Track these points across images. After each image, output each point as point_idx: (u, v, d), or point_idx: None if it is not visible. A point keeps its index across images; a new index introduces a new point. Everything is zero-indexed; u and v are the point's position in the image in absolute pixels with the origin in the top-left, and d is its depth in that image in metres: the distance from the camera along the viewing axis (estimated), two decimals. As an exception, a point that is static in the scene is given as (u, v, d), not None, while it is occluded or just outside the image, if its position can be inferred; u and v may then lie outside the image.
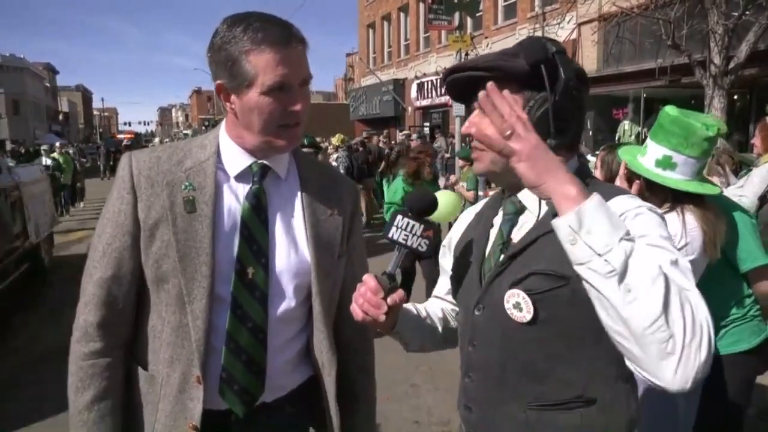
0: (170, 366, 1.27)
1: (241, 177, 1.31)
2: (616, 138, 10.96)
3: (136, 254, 1.26)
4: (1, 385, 4.22)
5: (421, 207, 1.18)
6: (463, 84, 1.18)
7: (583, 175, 1.14)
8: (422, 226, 1.16)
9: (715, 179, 3.69)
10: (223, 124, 1.36)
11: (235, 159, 1.31)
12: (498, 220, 1.24)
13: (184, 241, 1.23)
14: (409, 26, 25.04)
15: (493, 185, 5.01)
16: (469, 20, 18.43)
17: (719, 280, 2.06)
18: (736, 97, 11.11)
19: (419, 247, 1.15)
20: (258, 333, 1.29)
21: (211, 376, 1.28)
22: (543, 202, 1.15)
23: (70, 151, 16.44)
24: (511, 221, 1.19)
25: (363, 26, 29.52)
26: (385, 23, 27.44)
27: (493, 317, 1.15)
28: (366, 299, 1.13)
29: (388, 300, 1.12)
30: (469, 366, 1.23)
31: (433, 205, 1.20)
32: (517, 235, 1.17)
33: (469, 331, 1.22)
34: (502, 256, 1.16)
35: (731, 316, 2.13)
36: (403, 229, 1.15)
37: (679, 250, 1.97)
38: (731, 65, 7.71)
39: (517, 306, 1.09)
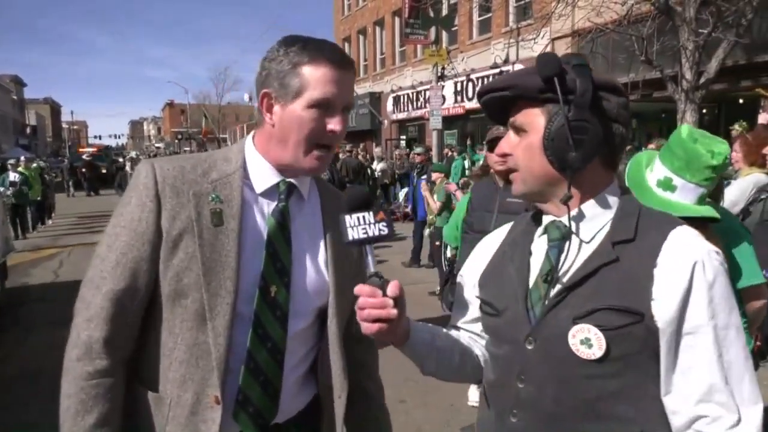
0: (181, 386, 1.21)
1: (266, 194, 1.29)
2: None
3: (154, 266, 1.20)
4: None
5: (360, 203, 1.15)
6: (495, 105, 1.18)
7: (630, 204, 1.13)
8: (371, 212, 1.13)
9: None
10: (249, 138, 1.34)
11: (264, 175, 1.30)
12: (536, 247, 1.18)
13: (210, 254, 1.19)
14: (384, 40, 25.23)
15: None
16: (444, 35, 18.67)
17: None
18: (705, 111, 11.42)
19: (381, 232, 1.13)
20: (276, 354, 1.27)
21: (226, 397, 1.22)
22: (594, 227, 1.11)
23: (41, 164, 15.98)
24: (558, 247, 1.13)
25: (338, 40, 29.60)
26: (361, 37, 27.61)
27: (549, 352, 1.09)
28: (370, 305, 1.08)
29: (389, 292, 1.08)
30: (516, 404, 1.14)
31: (369, 196, 1.18)
32: (566, 263, 1.12)
33: (516, 367, 1.14)
34: (558, 287, 1.10)
35: None
36: (357, 226, 1.13)
37: None
38: (702, 80, 7.91)
39: (586, 342, 1.04)
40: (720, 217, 1.89)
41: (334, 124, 1.23)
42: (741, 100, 11.36)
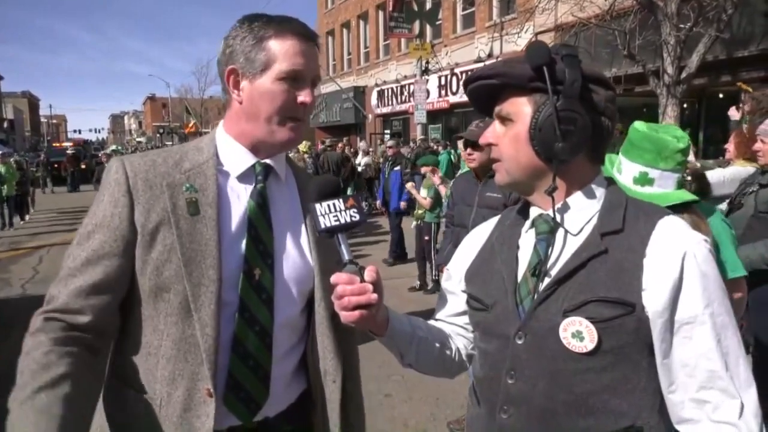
0: (171, 384, 1.18)
1: (243, 177, 1.28)
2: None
3: (128, 263, 1.17)
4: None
5: (329, 190, 1.15)
6: (481, 94, 1.16)
7: (616, 195, 1.12)
8: (341, 200, 1.13)
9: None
10: (219, 126, 1.33)
11: (238, 158, 1.28)
12: (524, 241, 1.17)
13: (189, 244, 1.17)
14: (368, 34, 25.12)
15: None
16: (428, 28, 18.64)
17: None
18: (685, 105, 11.55)
19: (353, 218, 1.12)
20: (265, 337, 1.25)
21: (217, 389, 1.20)
22: (582, 219, 1.10)
23: (18, 158, 15.66)
24: (547, 241, 1.12)
25: (322, 33, 29.42)
26: (345, 30, 27.46)
27: (540, 346, 1.07)
28: (348, 293, 1.06)
29: (366, 278, 1.07)
30: (505, 400, 1.12)
31: (338, 183, 1.18)
32: (554, 256, 1.11)
33: (506, 362, 1.12)
34: (547, 280, 1.09)
35: None
36: (328, 213, 1.12)
37: None
38: (683, 75, 8.00)
39: (577, 335, 1.03)
40: (699, 199, 1.93)
41: (303, 96, 1.23)
42: (721, 95, 11.50)
